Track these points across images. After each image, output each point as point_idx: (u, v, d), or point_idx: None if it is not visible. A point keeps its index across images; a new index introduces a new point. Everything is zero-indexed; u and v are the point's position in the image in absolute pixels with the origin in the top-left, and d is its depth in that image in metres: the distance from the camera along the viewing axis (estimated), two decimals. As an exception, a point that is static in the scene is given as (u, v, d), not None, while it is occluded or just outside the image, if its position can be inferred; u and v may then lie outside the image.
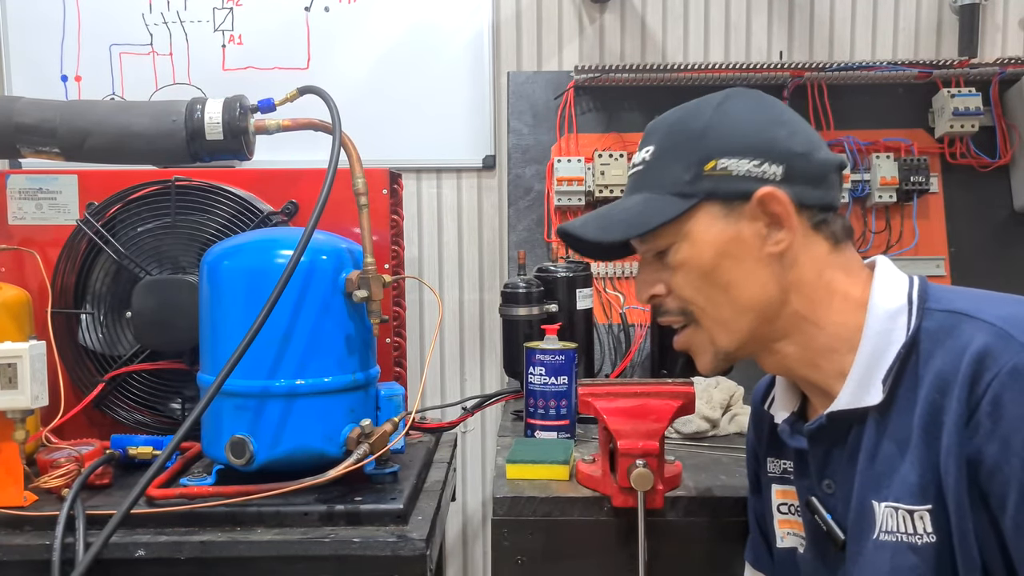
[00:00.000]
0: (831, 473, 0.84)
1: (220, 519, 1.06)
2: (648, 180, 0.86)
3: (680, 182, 0.83)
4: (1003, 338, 0.71)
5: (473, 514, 2.05)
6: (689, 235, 0.84)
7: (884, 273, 0.83)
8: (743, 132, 0.83)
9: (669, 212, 0.83)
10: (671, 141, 0.85)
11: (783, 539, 0.94)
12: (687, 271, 0.85)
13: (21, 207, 1.46)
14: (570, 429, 1.32)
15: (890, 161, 1.78)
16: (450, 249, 2.01)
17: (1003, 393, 0.69)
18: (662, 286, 0.88)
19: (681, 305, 0.87)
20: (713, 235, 0.83)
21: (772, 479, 0.95)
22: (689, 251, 0.84)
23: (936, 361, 0.75)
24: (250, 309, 1.06)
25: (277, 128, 1.28)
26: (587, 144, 1.87)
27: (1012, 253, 1.83)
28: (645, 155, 0.88)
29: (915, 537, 0.74)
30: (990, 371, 0.70)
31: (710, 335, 0.86)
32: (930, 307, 0.78)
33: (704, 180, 0.82)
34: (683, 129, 0.85)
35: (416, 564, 1.02)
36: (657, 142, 0.87)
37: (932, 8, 1.96)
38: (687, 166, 0.83)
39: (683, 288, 0.86)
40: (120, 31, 1.95)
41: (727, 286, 0.83)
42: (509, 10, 1.97)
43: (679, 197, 0.83)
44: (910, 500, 0.75)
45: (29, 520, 1.05)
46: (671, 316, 0.89)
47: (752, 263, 0.83)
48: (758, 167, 0.82)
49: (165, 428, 1.36)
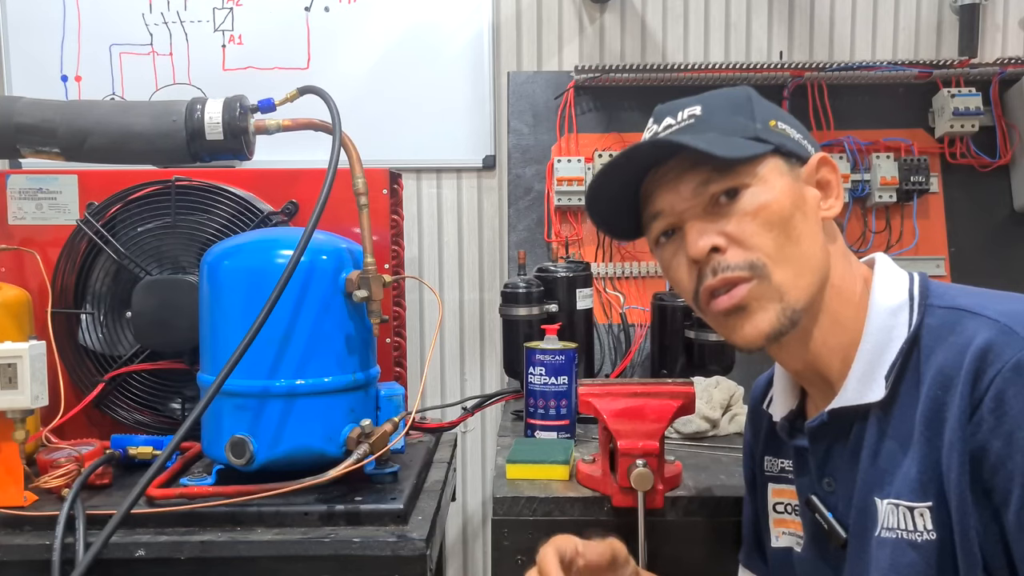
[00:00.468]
0: (832, 471, 0.84)
1: (220, 519, 1.06)
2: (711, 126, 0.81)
3: (751, 129, 0.81)
4: (1006, 334, 0.70)
5: (473, 514, 2.05)
6: (766, 180, 0.80)
7: (884, 270, 0.83)
8: (784, 114, 0.85)
9: (754, 149, 0.80)
10: (721, 101, 0.83)
11: (778, 539, 0.94)
12: (764, 216, 0.78)
13: (21, 207, 1.46)
14: (570, 429, 1.32)
15: (890, 161, 1.78)
16: (450, 249, 2.01)
17: (1007, 389, 0.69)
18: (723, 237, 0.79)
19: (749, 257, 0.78)
20: (787, 184, 0.81)
21: (769, 478, 0.95)
22: (767, 195, 0.79)
23: (938, 357, 0.74)
24: (250, 309, 1.06)
25: (277, 128, 1.28)
26: (587, 144, 1.87)
27: (1012, 253, 1.83)
28: (693, 111, 0.83)
29: (915, 534, 0.74)
30: (993, 367, 0.70)
31: (780, 289, 0.78)
32: (932, 303, 0.78)
33: (772, 133, 0.82)
34: (728, 96, 0.84)
35: (416, 564, 1.02)
36: (703, 103, 0.83)
37: (932, 8, 1.96)
38: (753, 118, 0.82)
39: (756, 235, 0.78)
40: (120, 31, 1.95)
41: (799, 238, 0.79)
42: (509, 10, 1.97)
43: (755, 141, 0.80)
44: (910, 497, 0.74)
45: (29, 520, 1.05)
46: (734, 271, 0.78)
47: (813, 223, 0.81)
48: (803, 140, 0.85)
49: (165, 428, 1.36)
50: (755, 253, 0.78)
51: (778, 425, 0.91)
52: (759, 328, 0.79)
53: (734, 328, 0.81)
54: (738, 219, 0.79)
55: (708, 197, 0.80)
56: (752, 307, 0.79)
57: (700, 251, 0.79)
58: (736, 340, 0.82)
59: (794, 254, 0.79)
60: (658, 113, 0.87)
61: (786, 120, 0.85)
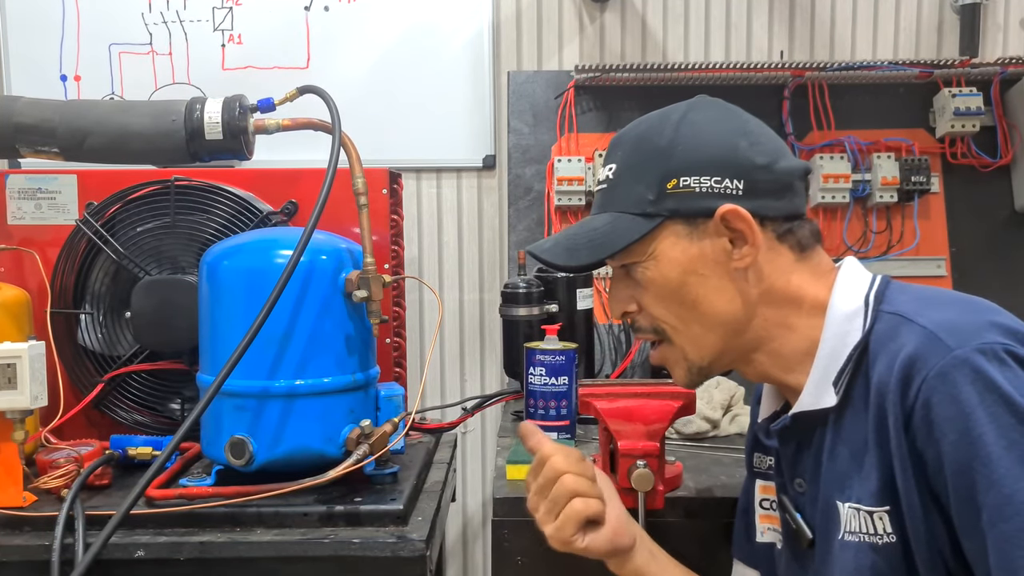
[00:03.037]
0: (801, 472, 0.86)
1: (220, 520, 1.06)
2: (613, 199, 0.87)
3: (643, 201, 0.84)
4: (931, 341, 0.71)
5: (473, 515, 2.05)
6: (655, 254, 0.84)
7: (846, 275, 0.84)
8: (704, 147, 0.83)
9: (634, 233, 0.84)
10: (634, 159, 0.86)
11: (763, 534, 0.96)
12: (655, 290, 0.85)
13: (20, 207, 1.45)
14: (570, 430, 1.32)
15: (891, 161, 1.78)
16: (450, 249, 2.01)
17: (931, 396, 0.70)
18: (634, 304, 0.88)
19: (652, 323, 0.88)
20: (678, 253, 0.84)
21: (756, 474, 0.97)
22: (655, 270, 0.85)
23: (879, 365, 0.76)
24: (250, 309, 1.06)
25: (277, 128, 1.28)
26: (587, 144, 1.87)
27: (1013, 253, 1.82)
28: (609, 173, 0.88)
29: (876, 537, 0.75)
30: (919, 375, 0.71)
31: (682, 351, 0.87)
32: (882, 309, 0.79)
33: (667, 199, 0.83)
34: (645, 147, 0.85)
35: (416, 565, 1.02)
36: (620, 160, 0.87)
37: (933, 8, 1.96)
38: (649, 185, 0.84)
39: (652, 306, 0.87)
40: (120, 31, 1.94)
41: (695, 303, 0.84)
42: (509, 10, 1.96)
43: (643, 217, 0.84)
44: (869, 501, 0.76)
45: (28, 520, 1.05)
46: (644, 333, 0.90)
47: (717, 279, 0.84)
48: (719, 183, 0.82)
49: (164, 428, 1.36)
50: (656, 321, 0.87)
51: (757, 427, 0.94)
52: (679, 382, 0.91)
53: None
54: (640, 290, 0.87)
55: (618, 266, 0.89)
56: (668, 365, 0.90)
57: (616, 316, 0.91)
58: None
59: (690, 318, 0.85)
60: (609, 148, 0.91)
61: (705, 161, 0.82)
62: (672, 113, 0.87)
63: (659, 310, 0.86)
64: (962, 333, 0.71)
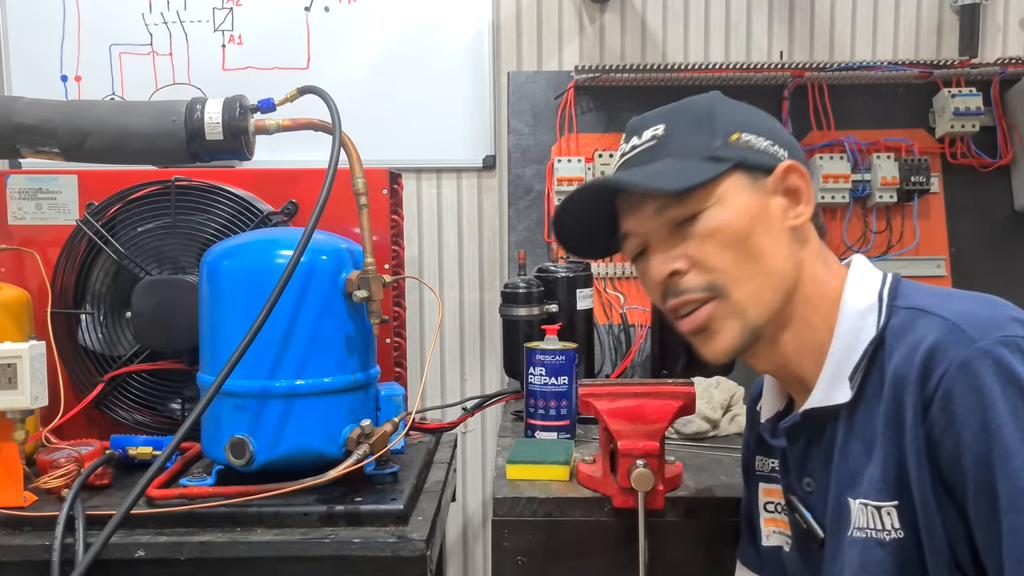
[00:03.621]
0: (811, 471, 0.85)
1: (220, 520, 1.06)
2: (669, 149, 0.84)
3: (709, 148, 0.82)
4: (953, 332, 0.71)
5: (473, 514, 2.05)
6: (722, 200, 0.81)
7: (858, 271, 0.84)
8: (750, 116, 0.86)
9: (707, 172, 0.81)
10: (687, 117, 0.84)
11: (768, 537, 0.95)
12: (721, 237, 0.81)
13: (21, 207, 1.46)
14: (570, 429, 1.32)
15: (891, 161, 1.78)
16: (450, 249, 2.01)
17: (952, 388, 0.70)
18: (684, 260, 0.83)
19: (708, 279, 0.82)
20: (744, 201, 0.82)
21: (760, 477, 0.97)
22: (723, 216, 0.81)
23: (896, 357, 0.75)
24: (250, 309, 1.06)
25: (277, 128, 1.28)
26: (587, 144, 1.87)
27: (1013, 253, 1.82)
28: (656, 132, 0.85)
29: (883, 533, 0.75)
30: (941, 366, 0.71)
31: (740, 307, 0.81)
32: (897, 304, 0.79)
33: (732, 148, 0.82)
34: (692, 110, 0.85)
35: (416, 565, 1.02)
36: (667, 121, 0.85)
37: (933, 8, 1.96)
38: (712, 135, 0.83)
39: (714, 256, 0.81)
40: (120, 31, 1.94)
41: (759, 254, 0.81)
42: (509, 10, 1.96)
43: (711, 161, 0.82)
44: (877, 497, 0.75)
45: (29, 520, 1.05)
46: (693, 293, 0.82)
47: (777, 234, 0.82)
48: (772, 146, 0.84)
49: (165, 428, 1.36)
50: (713, 274, 0.81)
51: (761, 426, 0.93)
52: (721, 346, 0.83)
53: (699, 346, 0.86)
54: (697, 242, 0.82)
55: (667, 221, 0.83)
56: (713, 327, 0.83)
57: (659, 276, 0.84)
58: (705, 356, 0.86)
59: (754, 270, 0.81)
60: (629, 129, 0.89)
61: (754, 128, 0.84)
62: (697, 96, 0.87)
63: (721, 259, 0.81)
64: (985, 325, 0.71)
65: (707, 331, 0.83)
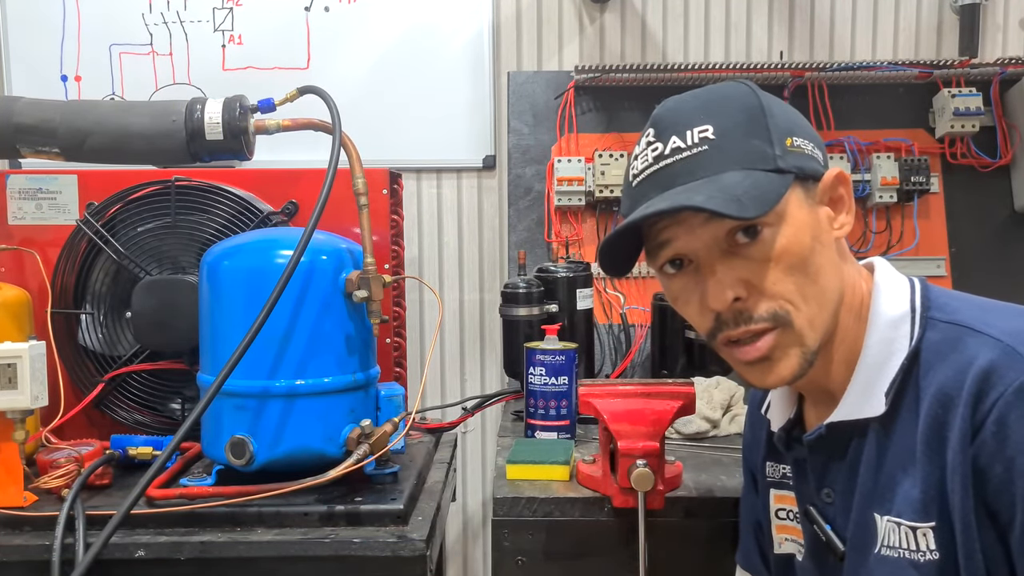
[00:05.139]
0: (830, 483, 0.82)
1: (220, 519, 1.06)
2: (727, 157, 0.74)
3: (770, 156, 0.74)
4: (1009, 355, 0.69)
5: (473, 514, 2.05)
6: (785, 216, 0.74)
7: (885, 277, 0.80)
8: (793, 116, 0.78)
9: (779, 187, 0.73)
10: (738, 116, 0.75)
11: (780, 545, 0.93)
12: (787, 260, 0.74)
13: (21, 207, 1.46)
14: (570, 429, 1.32)
15: (891, 161, 1.78)
16: (450, 249, 2.01)
17: (1008, 413, 0.67)
18: (743, 286, 0.75)
19: (774, 307, 0.75)
20: (804, 217, 0.75)
21: (770, 483, 0.94)
22: (788, 236, 0.74)
23: (938, 375, 0.73)
24: (250, 309, 1.06)
25: (277, 128, 1.28)
26: (587, 144, 1.87)
27: (1013, 253, 1.82)
28: (703, 134, 0.75)
29: (918, 554, 0.73)
30: (996, 389, 0.68)
31: (801, 335, 0.75)
32: (933, 316, 0.76)
33: (790, 156, 0.75)
34: (737, 106, 0.76)
35: (416, 565, 1.02)
36: (712, 119, 0.75)
37: (933, 8, 1.96)
38: (770, 141, 0.74)
39: (779, 282, 0.74)
40: (120, 31, 1.94)
41: (817, 275, 0.75)
42: (509, 10, 1.96)
43: (776, 173, 0.73)
44: (913, 517, 0.73)
45: (29, 520, 1.05)
46: (756, 323, 0.75)
47: (828, 249, 0.77)
48: (815, 150, 0.78)
49: (165, 428, 1.36)
50: (777, 301, 0.75)
51: (775, 436, 0.90)
52: (781, 376, 0.77)
53: (755, 375, 0.79)
54: (759, 265, 0.74)
55: (724, 234, 0.75)
56: (775, 356, 0.76)
57: (724, 304, 0.75)
58: (756, 384, 0.80)
59: (814, 293, 0.75)
60: (660, 123, 0.78)
61: (799, 129, 0.78)
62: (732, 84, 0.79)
63: (786, 285, 0.74)
64: None
65: (769, 360, 0.77)
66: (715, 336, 0.79)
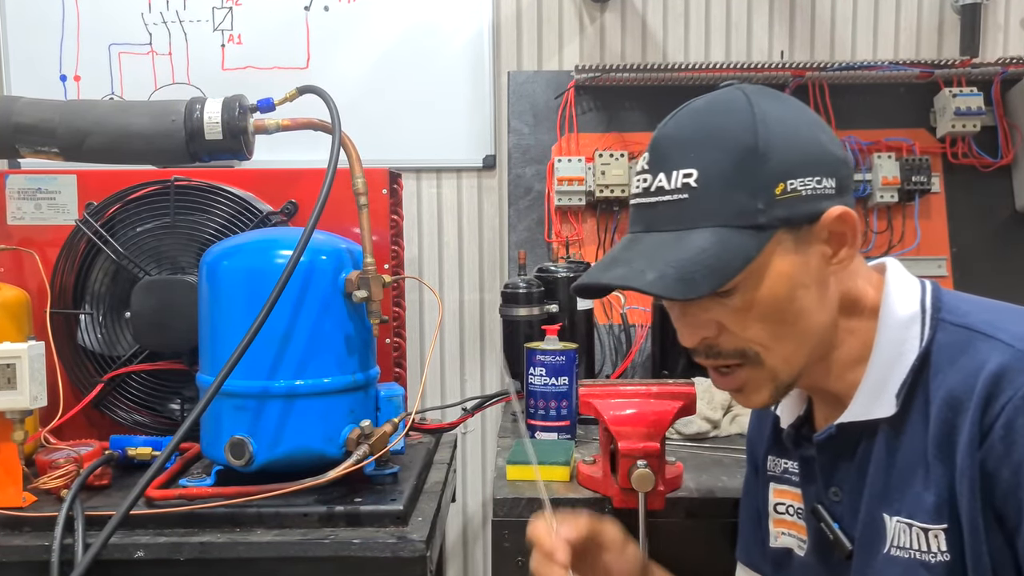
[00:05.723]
0: (838, 481, 0.83)
1: (219, 520, 1.06)
2: (704, 211, 0.74)
3: (751, 212, 0.73)
4: (1020, 360, 0.69)
5: (473, 515, 2.05)
6: (762, 271, 0.74)
7: (896, 278, 0.81)
8: (797, 145, 0.75)
9: (750, 250, 0.73)
10: (725, 163, 0.74)
11: (777, 539, 0.93)
12: (760, 309, 0.75)
13: (20, 207, 1.45)
14: (571, 430, 1.32)
15: (892, 161, 1.78)
16: (450, 249, 2.01)
17: (1016, 417, 0.67)
18: (714, 327, 0.78)
19: (740, 345, 0.77)
20: (787, 266, 0.75)
21: (771, 478, 0.94)
22: (764, 289, 0.74)
23: (948, 378, 0.73)
24: (249, 309, 1.06)
25: (276, 128, 1.28)
26: (588, 144, 1.86)
27: (1014, 253, 1.82)
28: (686, 180, 0.74)
29: (929, 555, 0.73)
30: (1005, 393, 0.68)
31: (772, 372, 0.78)
32: (944, 318, 0.76)
33: (777, 207, 0.73)
34: (732, 146, 0.74)
35: (416, 565, 1.02)
36: (700, 164, 0.74)
37: (934, 8, 1.96)
38: (755, 192, 0.73)
39: (748, 328, 0.76)
40: (119, 31, 1.94)
41: (797, 317, 0.76)
42: (509, 9, 1.96)
43: (754, 230, 0.73)
44: (925, 519, 0.73)
45: (28, 521, 1.05)
46: (725, 359, 0.79)
47: (816, 287, 0.76)
48: (819, 184, 0.75)
49: (164, 429, 1.36)
50: (747, 343, 0.77)
51: (784, 433, 0.90)
52: (755, 404, 0.82)
53: (734, 398, 0.84)
54: (730, 312, 0.76)
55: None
56: (748, 389, 0.81)
57: (692, 344, 0.80)
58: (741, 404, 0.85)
59: (789, 334, 0.77)
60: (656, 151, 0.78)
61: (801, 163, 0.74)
62: (734, 103, 0.76)
63: (755, 331, 0.76)
64: None
65: (743, 391, 0.82)
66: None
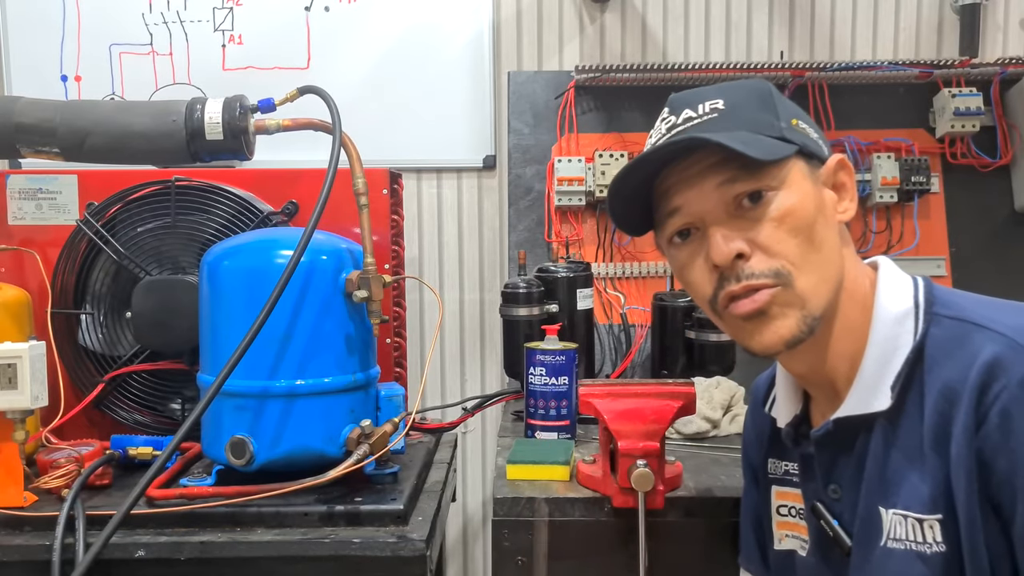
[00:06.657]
0: (837, 478, 0.83)
1: (220, 520, 1.06)
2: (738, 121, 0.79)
3: (776, 128, 0.79)
4: (1014, 348, 0.69)
5: (473, 515, 2.05)
6: (791, 183, 0.78)
7: (889, 274, 0.82)
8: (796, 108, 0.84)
9: (783, 150, 0.77)
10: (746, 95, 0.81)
11: (781, 541, 0.93)
12: (791, 222, 0.77)
13: (21, 207, 1.46)
14: (570, 430, 1.32)
15: (891, 161, 1.78)
16: (450, 249, 2.01)
17: (1012, 405, 0.68)
18: (748, 244, 0.77)
19: (775, 265, 0.77)
20: (807, 188, 0.79)
21: (772, 480, 0.94)
22: (792, 199, 0.77)
23: (944, 371, 0.73)
24: (250, 309, 1.06)
25: (277, 128, 1.28)
26: (587, 144, 1.87)
27: (1013, 253, 1.82)
28: (716, 104, 0.80)
29: (924, 546, 0.73)
30: (999, 382, 0.69)
31: (802, 297, 0.77)
32: (937, 312, 0.77)
33: (794, 133, 0.79)
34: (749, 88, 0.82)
35: (416, 565, 1.02)
36: (724, 96, 0.81)
37: (933, 8, 1.96)
38: (776, 116, 0.80)
39: (783, 242, 0.76)
40: (120, 31, 1.94)
41: (820, 244, 0.78)
42: (509, 10, 1.96)
43: (780, 141, 0.78)
44: (920, 509, 0.74)
45: (29, 520, 1.05)
46: (758, 279, 0.77)
47: (831, 227, 0.80)
48: (820, 139, 0.83)
49: (165, 428, 1.36)
50: (780, 260, 0.77)
51: (783, 432, 0.90)
52: (779, 334, 0.78)
53: (753, 333, 0.79)
54: (763, 225, 0.77)
55: (732, 198, 0.78)
56: (773, 312, 0.77)
57: (726, 257, 0.77)
58: (754, 346, 0.80)
59: (816, 260, 0.77)
60: (675, 103, 0.84)
61: (804, 119, 0.83)
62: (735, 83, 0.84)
63: (788, 246, 0.76)
64: None
65: (766, 316, 0.78)
66: (716, 299, 0.80)
